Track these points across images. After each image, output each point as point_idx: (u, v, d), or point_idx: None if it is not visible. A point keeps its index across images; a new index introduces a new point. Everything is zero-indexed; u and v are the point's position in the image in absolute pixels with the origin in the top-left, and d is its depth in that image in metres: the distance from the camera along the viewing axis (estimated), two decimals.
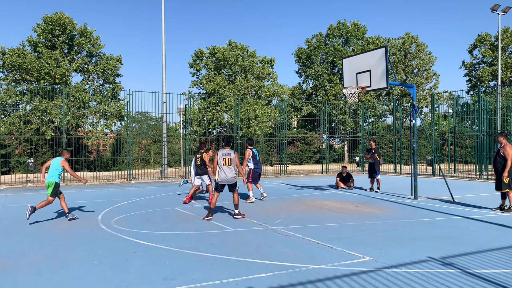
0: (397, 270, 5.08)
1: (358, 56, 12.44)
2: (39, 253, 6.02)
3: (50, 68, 28.66)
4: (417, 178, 12.26)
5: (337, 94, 40.37)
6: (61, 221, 8.74)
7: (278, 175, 23.04)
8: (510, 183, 9.43)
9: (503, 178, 9.40)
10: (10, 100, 27.27)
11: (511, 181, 9.42)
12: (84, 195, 13.52)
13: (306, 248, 6.22)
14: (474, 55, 43.82)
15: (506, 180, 9.39)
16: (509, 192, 9.48)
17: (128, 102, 19.39)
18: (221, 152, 8.74)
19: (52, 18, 29.39)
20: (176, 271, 5.08)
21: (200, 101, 37.18)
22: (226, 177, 8.67)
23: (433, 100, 23.26)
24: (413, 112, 12.07)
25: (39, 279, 4.82)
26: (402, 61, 42.05)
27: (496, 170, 9.68)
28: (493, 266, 5.26)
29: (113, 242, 6.69)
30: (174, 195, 13.32)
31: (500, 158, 9.55)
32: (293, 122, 42.85)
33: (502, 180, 9.43)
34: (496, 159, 9.67)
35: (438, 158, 21.20)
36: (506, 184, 9.42)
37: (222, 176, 8.67)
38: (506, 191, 9.47)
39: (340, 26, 41.32)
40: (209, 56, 38.31)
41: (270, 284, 4.56)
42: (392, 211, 9.80)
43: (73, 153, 26.30)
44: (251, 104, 35.12)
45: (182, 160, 27.07)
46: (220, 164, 8.68)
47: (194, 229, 7.73)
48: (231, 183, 8.78)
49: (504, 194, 9.63)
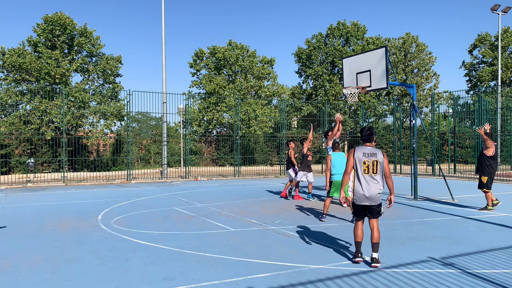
0: (397, 270, 5.08)
1: (358, 56, 12.43)
2: (39, 253, 6.02)
3: (50, 68, 28.66)
4: (417, 178, 12.26)
5: (337, 94, 40.36)
6: (61, 221, 8.73)
7: (278, 175, 23.03)
8: (488, 183, 9.67)
9: (482, 178, 9.70)
10: (10, 100, 27.28)
11: (489, 180, 9.67)
12: (84, 195, 13.52)
13: (306, 248, 6.22)
14: (474, 55, 43.83)
15: (485, 179, 9.66)
16: (487, 192, 9.72)
17: (128, 102, 19.40)
18: (360, 152, 5.46)
19: (52, 18, 29.39)
20: (176, 271, 5.08)
21: (200, 101, 37.20)
22: (369, 192, 5.31)
23: (433, 100, 23.26)
24: (413, 112, 12.07)
25: (39, 279, 4.82)
26: (402, 61, 42.04)
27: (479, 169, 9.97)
28: (493, 266, 5.26)
29: (113, 242, 6.69)
30: (174, 195, 13.32)
31: (482, 157, 9.82)
32: (293, 122, 42.83)
33: (481, 179, 9.72)
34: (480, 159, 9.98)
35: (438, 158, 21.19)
36: (484, 184, 9.70)
37: (360, 191, 5.35)
38: (483, 190, 9.78)
39: (340, 26, 41.30)
40: (209, 56, 38.32)
41: (270, 284, 4.56)
42: (392, 211, 9.80)
43: (73, 153, 26.34)
44: (251, 104, 35.13)
45: (182, 160, 27.06)
46: (359, 170, 5.40)
47: (194, 229, 7.72)
48: (375, 203, 5.35)
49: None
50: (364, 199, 5.32)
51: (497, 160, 10.10)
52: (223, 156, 32.49)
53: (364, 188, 5.30)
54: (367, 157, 5.36)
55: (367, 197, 5.30)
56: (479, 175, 9.88)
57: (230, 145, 32.08)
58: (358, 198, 5.37)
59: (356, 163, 5.40)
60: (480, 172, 9.81)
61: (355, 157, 5.40)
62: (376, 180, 5.32)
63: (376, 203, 5.32)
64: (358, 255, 5.39)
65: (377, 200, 5.32)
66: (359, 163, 5.37)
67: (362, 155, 5.38)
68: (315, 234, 7.22)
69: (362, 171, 5.34)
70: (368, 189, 5.29)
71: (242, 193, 13.95)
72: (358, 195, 5.36)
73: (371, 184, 5.30)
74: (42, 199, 12.48)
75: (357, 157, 5.39)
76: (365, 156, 5.36)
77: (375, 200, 5.30)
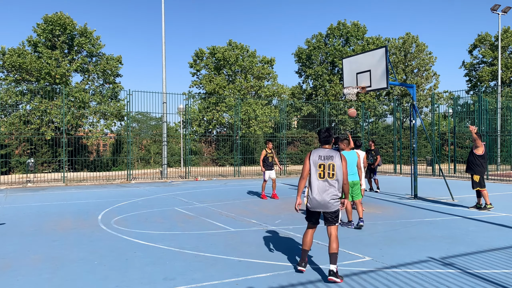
0: (397, 270, 5.08)
1: (358, 56, 12.44)
2: (39, 253, 6.02)
3: (50, 68, 28.67)
4: (417, 178, 12.26)
5: (337, 94, 40.37)
6: (61, 221, 8.73)
7: (278, 175, 23.03)
8: (481, 181, 9.73)
9: (474, 177, 9.76)
10: (10, 100, 27.28)
11: (481, 179, 9.73)
12: (84, 195, 13.52)
13: None
14: (474, 55, 43.85)
15: (477, 178, 9.72)
16: (482, 190, 9.78)
17: (128, 102, 19.40)
18: (316, 154, 5.02)
19: (52, 18, 29.40)
20: (176, 271, 5.08)
21: (200, 101, 37.19)
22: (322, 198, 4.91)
23: (433, 100, 23.26)
24: (413, 112, 12.07)
25: (39, 279, 4.82)
26: (402, 61, 42.05)
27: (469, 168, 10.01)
28: (493, 266, 5.26)
29: (113, 242, 6.69)
30: (174, 195, 13.32)
31: (472, 156, 9.89)
32: (293, 122, 42.83)
33: (473, 178, 9.78)
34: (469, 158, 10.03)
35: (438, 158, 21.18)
36: (477, 183, 9.76)
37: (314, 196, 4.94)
38: (477, 189, 9.84)
39: (340, 26, 41.32)
40: (209, 56, 38.32)
41: (270, 284, 4.56)
42: (392, 211, 9.80)
43: (73, 153, 26.33)
44: (251, 104, 35.12)
45: (182, 160, 27.06)
46: (314, 174, 4.98)
47: (194, 229, 7.72)
48: (329, 210, 4.95)
49: (478, 193, 9.95)
50: (318, 205, 4.89)
51: (487, 159, 10.15)
52: (223, 156, 32.49)
53: (318, 193, 4.87)
54: (323, 160, 4.92)
55: (320, 203, 4.87)
56: (470, 174, 9.98)
57: (230, 145, 32.08)
58: (311, 204, 4.93)
59: (311, 166, 4.95)
60: (471, 171, 9.90)
61: (311, 160, 4.95)
62: (332, 185, 4.87)
63: (330, 210, 4.87)
64: (302, 263, 5.01)
65: (331, 207, 4.86)
66: (314, 166, 4.93)
67: (318, 158, 4.95)
68: (315, 234, 7.19)
69: (317, 175, 4.91)
70: (322, 195, 4.86)
71: (242, 193, 13.96)
72: (311, 201, 4.92)
73: (326, 189, 4.87)
74: (42, 199, 12.48)
75: (313, 160, 4.95)
76: (321, 159, 4.93)
77: (329, 207, 4.86)
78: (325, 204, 4.86)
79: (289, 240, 6.79)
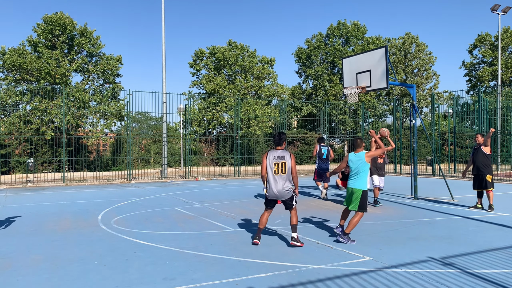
0: (397, 270, 5.08)
1: (358, 56, 12.43)
2: (39, 253, 6.02)
3: (50, 68, 28.66)
4: (417, 178, 12.26)
5: (337, 94, 40.36)
6: (61, 221, 8.73)
7: None
8: (492, 181, 9.70)
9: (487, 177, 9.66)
10: (10, 100, 27.28)
11: (492, 178, 9.71)
12: (84, 195, 13.52)
13: (306, 248, 6.22)
14: (474, 55, 43.83)
15: (490, 178, 9.65)
16: (490, 191, 9.71)
17: (128, 102, 19.39)
18: (271, 155, 6.33)
19: (52, 18, 29.39)
20: (176, 271, 5.08)
21: (200, 101, 37.19)
22: (277, 189, 6.24)
23: (433, 100, 23.25)
24: (413, 112, 12.07)
25: (39, 279, 4.82)
26: (402, 61, 42.05)
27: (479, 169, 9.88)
28: (493, 266, 5.26)
29: (113, 242, 6.69)
30: (174, 195, 13.32)
31: (484, 157, 9.79)
32: (293, 122, 42.83)
33: (486, 179, 9.65)
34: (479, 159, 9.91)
35: (438, 158, 21.19)
36: (490, 183, 9.67)
37: (271, 188, 6.28)
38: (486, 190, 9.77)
39: (340, 26, 41.30)
40: (209, 56, 38.31)
41: (270, 284, 4.56)
42: (392, 211, 9.80)
43: (73, 153, 26.34)
44: (251, 104, 35.12)
45: (182, 160, 27.06)
46: (270, 171, 6.29)
47: (194, 229, 7.73)
48: (284, 198, 6.32)
49: (480, 193, 9.96)
50: (274, 195, 6.29)
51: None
52: (223, 156, 32.49)
53: (274, 185, 6.25)
54: (277, 159, 6.27)
55: (276, 194, 6.26)
56: (483, 174, 9.71)
57: (230, 145, 32.07)
58: (269, 194, 6.33)
59: (268, 165, 6.30)
60: (484, 171, 9.68)
61: (268, 160, 6.30)
62: (284, 178, 6.26)
63: (285, 197, 6.29)
64: (256, 237, 6.42)
65: (285, 195, 6.27)
66: (270, 165, 6.28)
67: (273, 158, 6.29)
68: (315, 234, 7.22)
69: (272, 172, 6.26)
70: (277, 186, 6.23)
71: (242, 193, 13.95)
72: (269, 191, 6.31)
73: (280, 182, 6.23)
74: (42, 199, 12.48)
75: (269, 160, 6.30)
76: (275, 159, 6.27)
77: (284, 195, 6.27)
78: (281, 194, 6.27)
79: (289, 240, 6.78)
